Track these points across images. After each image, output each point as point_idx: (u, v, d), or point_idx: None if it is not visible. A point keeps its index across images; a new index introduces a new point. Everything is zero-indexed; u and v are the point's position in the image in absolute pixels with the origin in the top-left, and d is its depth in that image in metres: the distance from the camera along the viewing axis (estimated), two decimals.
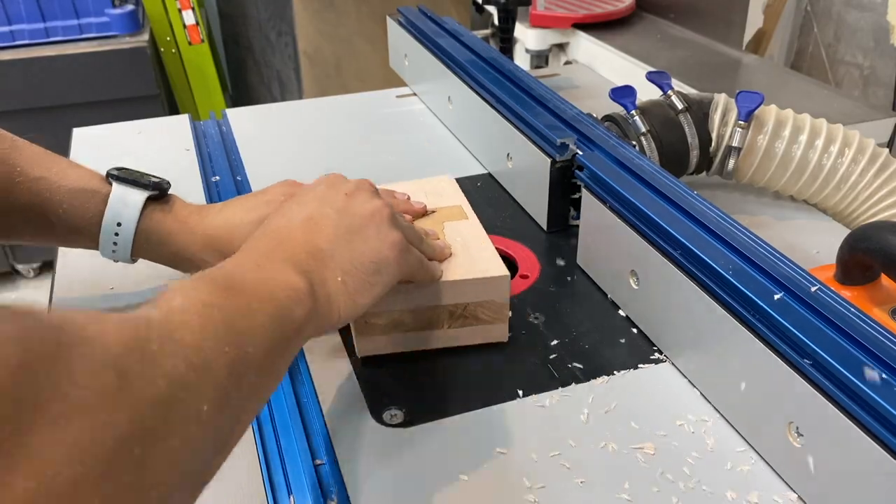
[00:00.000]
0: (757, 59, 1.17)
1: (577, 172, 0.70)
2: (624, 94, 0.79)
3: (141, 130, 1.01)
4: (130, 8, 1.88)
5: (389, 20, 1.15)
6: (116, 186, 0.60)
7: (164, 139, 0.97)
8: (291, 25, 2.22)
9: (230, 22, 2.50)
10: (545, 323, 0.64)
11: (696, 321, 0.55)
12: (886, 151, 0.75)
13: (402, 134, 1.00)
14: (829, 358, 0.44)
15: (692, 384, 0.57)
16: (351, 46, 1.90)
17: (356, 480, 0.49)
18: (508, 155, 0.82)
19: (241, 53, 2.55)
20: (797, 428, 0.47)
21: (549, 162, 0.72)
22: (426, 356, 0.60)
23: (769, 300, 0.49)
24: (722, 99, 0.78)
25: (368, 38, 1.85)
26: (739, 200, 0.84)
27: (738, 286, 0.50)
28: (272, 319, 0.41)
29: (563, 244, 0.75)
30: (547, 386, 0.57)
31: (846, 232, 0.62)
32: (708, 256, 0.53)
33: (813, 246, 0.75)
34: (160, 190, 0.61)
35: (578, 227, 0.71)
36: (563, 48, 1.30)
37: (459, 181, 0.88)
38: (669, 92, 0.80)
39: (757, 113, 0.76)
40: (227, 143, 0.97)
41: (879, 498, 0.41)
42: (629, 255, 0.62)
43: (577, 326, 0.63)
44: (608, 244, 0.65)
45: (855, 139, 0.74)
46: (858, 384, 0.42)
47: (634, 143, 0.76)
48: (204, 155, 0.93)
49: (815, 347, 0.45)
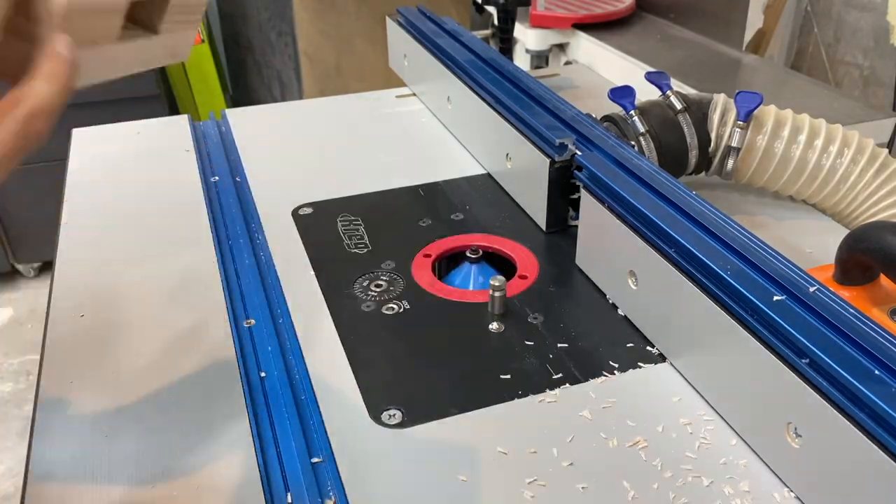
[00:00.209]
0: (757, 59, 1.17)
1: (576, 173, 0.70)
2: (623, 94, 0.79)
3: (140, 131, 1.01)
4: None
5: (389, 20, 1.15)
6: None
7: (163, 139, 0.97)
8: (291, 25, 2.22)
9: (230, 22, 2.50)
10: (544, 323, 0.64)
11: (694, 322, 0.55)
12: (886, 151, 0.75)
13: (401, 134, 1.00)
14: (827, 358, 0.44)
15: (691, 384, 0.57)
16: (351, 46, 1.90)
17: (355, 481, 0.49)
18: (507, 155, 0.82)
19: (241, 53, 2.55)
20: (795, 428, 0.47)
21: (548, 162, 0.72)
22: (425, 356, 0.60)
23: (768, 301, 0.49)
24: (721, 99, 0.78)
25: (368, 38, 1.85)
26: (739, 200, 0.84)
27: (736, 287, 0.50)
28: None
29: (562, 244, 0.75)
30: (546, 386, 0.57)
31: (845, 232, 0.62)
32: (707, 257, 0.53)
33: (812, 246, 0.75)
34: None
35: (577, 227, 0.71)
36: (563, 48, 1.30)
37: (459, 181, 0.88)
38: (668, 92, 0.80)
39: (756, 113, 0.76)
40: (226, 143, 0.97)
41: (878, 498, 0.41)
42: (628, 255, 0.62)
43: (575, 327, 0.63)
44: (607, 245, 0.65)
45: (854, 139, 0.74)
46: (857, 385, 0.42)
47: (633, 143, 0.76)
48: (203, 155, 0.93)
49: (813, 348, 0.45)
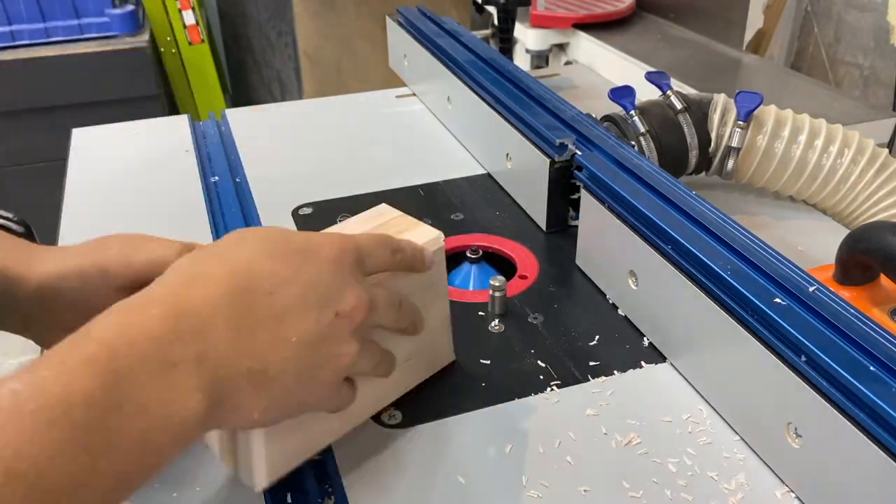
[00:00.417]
0: (757, 59, 1.17)
1: (576, 173, 0.70)
2: (623, 94, 0.79)
3: (140, 131, 1.01)
4: (130, 8, 1.88)
5: (389, 20, 1.15)
6: None
7: (163, 139, 0.97)
8: (291, 25, 2.22)
9: (230, 22, 2.50)
10: (544, 323, 0.64)
11: (694, 322, 0.55)
12: (886, 151, 0.75)
13: (401, 134, 1.00)
14: (827, 358, 0.44)
15: (691, 384, 0.57)
16: (351, 46, 1.90)
17: (355, 481, 0.49)
18: (507, 155, 0.82)
19: (241, 53, 2.55)
20: (795, 429, 0.47)
21: (548, 162, 0.72)
22: None
23: (768, 301, 0.49)
24: (721, 99, 0.78)
25: (368, 38, 1.85)
26: (739, 200, 0.84)
27: (736, 287, 0.50)
28: (132, 472, 0.34)
29: (562, 244, 0.75)
30: (546, 386, 0.57)
31: (845, 232, 0.62)
32: (707, 257, 0.53)
33: (812, 246, 0.75)
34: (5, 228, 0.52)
35: (577, 227, 0.71)
36: (563, 48, 1.30)
37: (459, 181, 0.88)
38: (668, 92, 0.80)
39: (756, 113, 0.76)
40: (226, 143, 0.97)
41: (878, 498, 0.41)
42: (628, 255, 0.62)
43: (575, 327, 0.63)
44: (607, 244, 0.65)
45: (854, 139, 0.74)
46: (857, 385, 0.42)
47: (633, 143, 0.76)
48: (203, 155, 0.93)
49: (813, 348, 0.45)
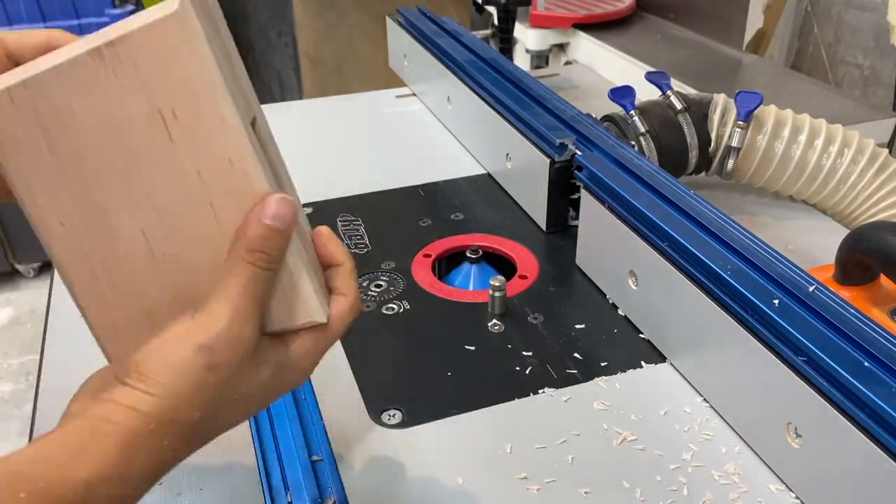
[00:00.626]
0: (757, 59, 1.17)
1: (576, 173, 0.70)
2: (623, 94, 0.79)
3: None
4: (130, 8, 1.88)
5: (389, 20, 1.15)
6: None
7: None
8: (291, 25, 2.22)
9: (230, 22, 2.50)
10: (544, 323, 0.64)
11: (694, 322, 0.55)
12: (886, 152, 0.75)
13: (401, 134, 1.00)
14: (827, 358, 0.44)
15: (691, 384, 0.57)
16: (351, 46, 1.90)
17: (355, 481, 0.49)
18: (508, 155, 0.82)
19: (241, 53, 2.55)
20: (795, 428, 0.47)
21: (548, 162, 0.72)
22: (425, 356, 0.60)
23: (768, 301, 0.49)
24: (721, 99, 0.78)
25: (368, 38, 1.85)
26: (739, 200, 0.84)
27: (736, 287, 0.50)
28: None
29: (562, 244, 0.75)
30: (546, 386, 0.57)
31: (845, 232, 0.62)
32: (707, 257, 0.53)
33: (812, 246, 0.75)
34: None
35: (577, 227, 0.71)
36: (563, 48, 1.30)
37: (459, 181, 0.88)
38: (668, 92, 0.79)
39: (756, 113, 0.76)
40: None
41: (878, 498, 0.41)
42: (628, 255, 0.62)
43: (575, 327, 0.63)
44: (607, 244, 0.65)
45: (854, 139, 0.74)
46: (857, 385, 0.42)
47: (633, 143, 0.76)
48: None
49: (813, 348, 0.45)
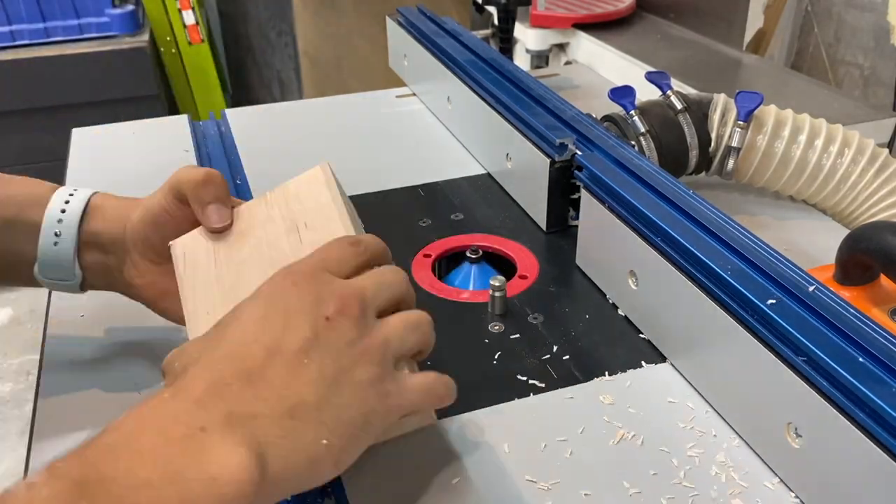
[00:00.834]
0: (757, 59, 1.17)
1: (576, 173, 0.70)
2: (623, 94, 0.79)
3: (140, 131, 1.01)
4: (130, 8, 1.88)
5: (389, 20, 1.15)
6: (61, 189, 0.55)
7: (163, 139, 0.97)
8: (291, 25, 2.22)
9: (230, 22, 2.50)
10: (544, 323, 0.64)
11: (694, 322, 0.55)
12: (886, 152, 0.75)
13: (401, 134, 1.00)
14: (827, 358, 0.44)
15: (691, 384, 0.57)
16: (351, 46, 1.90)
17: (355, 481, 0.49)
18: (508, 155, 0.82)
19: (241, 53, 2.55)
20: (796, 429, 0.47)
21: (548, 162, 0.72)
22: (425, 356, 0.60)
23: (767, 300, 0.49)
24: (721, 99, 0.78)
25: (368, 38, 1.85)
26: (739, 200, 0.84)
27: (736, 287, 0.50)
28: None
29: (562, 244, 0.75)
30: (546, 386, 0.57)
31: (846, 232, 0.62)
32: (707, 257, 0.53)
33: (812, 246, 0.75)
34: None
35: (577, 227, 0.71)
36: (563, 48, 1.30)
37: (459, 181, 0.88)
38: (669, 92, 0.80)
39: (756, 113, 0.76)
40: (226, 143, 0.97)
41: (879, 499, 0.41)
42: (628, 255, 0.62)
43: (575, 327, 0.63)
44: (607, 244, 0.65)
45: (854, 139, 0.74)
46: (858, 385, 0.42)
47: (633, 143, 0.76)
48: (203, 155, 0.93)
49: (813, 348, 0.45)
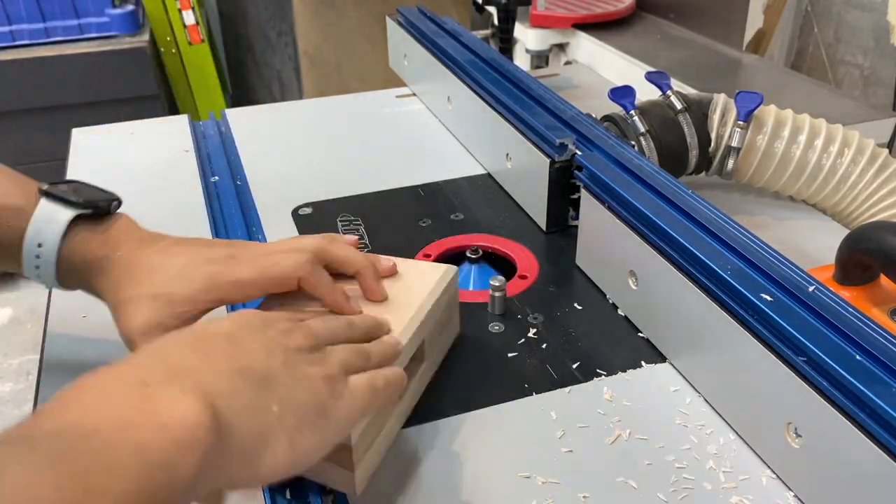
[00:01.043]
0: (757, 59, 1.17)
1: (576, 173, 0.70)
2: (623, 94, 0.79)
3: (140, 131, 1.01)
4: (130, 8, 1.88)
5: (389, 20, 1.15)
6: (43, 202, 0.52)
7: (163, 139, 0.97)
8: (291, 25, 2.22)
9: (230, 22, 2.50)
10: (544, 323, 0.64)
11: (694, 321, 0.55)
12: (886, 152, 0.75)
13: (402, 134, 1.00)
14: (827, 358, 0.44)
15: (691, 384, 0.57)
16: (351, 46, 1.90)
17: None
18: (507, 155, 0.82)
19: (241, 53, 2.55)
20: (796, 429, 0.47)
21: (548, 162, 0.72)
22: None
23: (767, 300, 0.49)
24: (721, 99, 0.78)
25: (368, 38, 1.85)
26: (739, 200, 0.84)
27: (736, 286, 0.50)
28: (136, 493, 0.29)
29: (562, 244, 0.75)
30: (546, 386, 0.57)
31: (846, 232, 0.62)
32: (707, 257, 0.53)
33: (812, 246, 0.75)
34: (94, 208, 0.53)
35: (577, 227, 0.71)
36: (563, 48, 1.30)
37: (459, 181, 0.88)
38: (669, 92, 0.80)
39: (756, 113, 0.76)
40: (226, 143, 0.97)
41: (879, 498, 0.41)
42: (628, 255, 0.62)
43: (575, 327, 0.63)
44: (607, 244, 0.65)
45: (854, 139, 0.74)
46: (857, 385, 0.42)
47: (633, 143, 0.76)
48: (203, 155, 0.93)
49: (813, 348, 0.45)
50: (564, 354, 0.60)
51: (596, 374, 0.58)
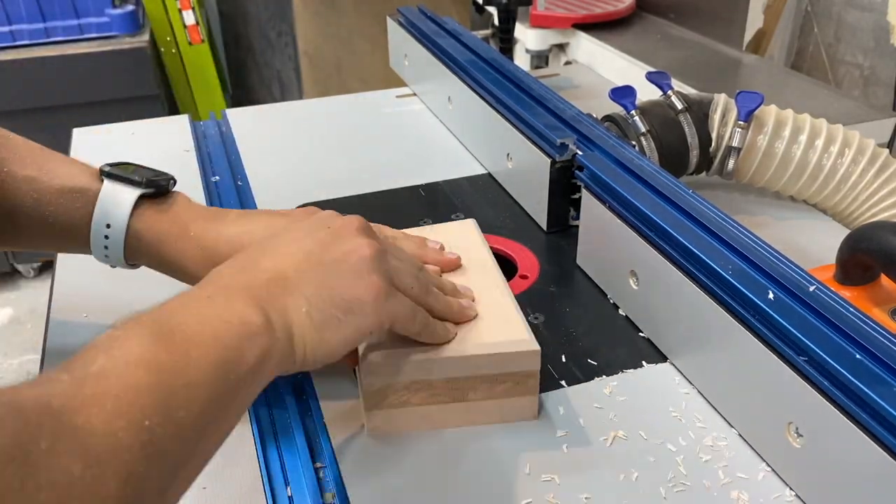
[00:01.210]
0: (757, 59, 1.17)
1: (576, 172, 0.70)
2: (624, 94, 0.79)
3: (140, 131, 1.01)
4: (130, 8, 1.88)
5: (389, 20, 1.15)
6: (108, 184, 0.55)
7: (163, 139, 0.97)
8: (291, 25, 2.22)
9: (230, 22, 2.50)
10: (545, 323, 0.64)
11: (695, 321, 0.55)
12: (886, 152, 0.75)
13: (402, 134, 1.00)
14: (828, 358, 0.44)
15: (692, 384, 0.57)
16: (351, 46, 1.90)
17: (356, 484, 0.49)
18: (508, 155, 0.82)
19: (241, 53, 2.55)
20: (797, 428, 0.47)
21: (548, 162, 0.72)
22: None
23: (768, 300, 0.49)
24: (722, 99, 0.78)
25: (368, 38, 1.85)
26: (739, 200, 0.84)
27: (737, 286, 0.50)
28: (216, 367, 0.38)
29: (562, 244, 0.75)
30: (546, 386, 0.57)
31: (846, 232, 0.62)
32: (707, 257, 0.53)
33: (812, 246, 0.75)
34: (156, 187, 0.55)
35: (578, 227, 0.71)
36: (563, 48, 1.30)
37: (460, 181, 0.88)
38: (669, 92, 0.80)
39: (757, 113, 0.76)
40: (226, 143, 0.97)
41: (880, 498, 0.41)
42: (629, 255, 0.62)
43: (576, 327, 0.63)
44: (608, 244, 0.65)
45: (855, 139, 0.74)
46: (858, 384, 0.42)
47: (634, 143, 0.76)
48: (203, 155, 0.93)
49: (814, 347, 0.45)
50: (565, 354, 0.60)
51: (596, 373, 0.58)
